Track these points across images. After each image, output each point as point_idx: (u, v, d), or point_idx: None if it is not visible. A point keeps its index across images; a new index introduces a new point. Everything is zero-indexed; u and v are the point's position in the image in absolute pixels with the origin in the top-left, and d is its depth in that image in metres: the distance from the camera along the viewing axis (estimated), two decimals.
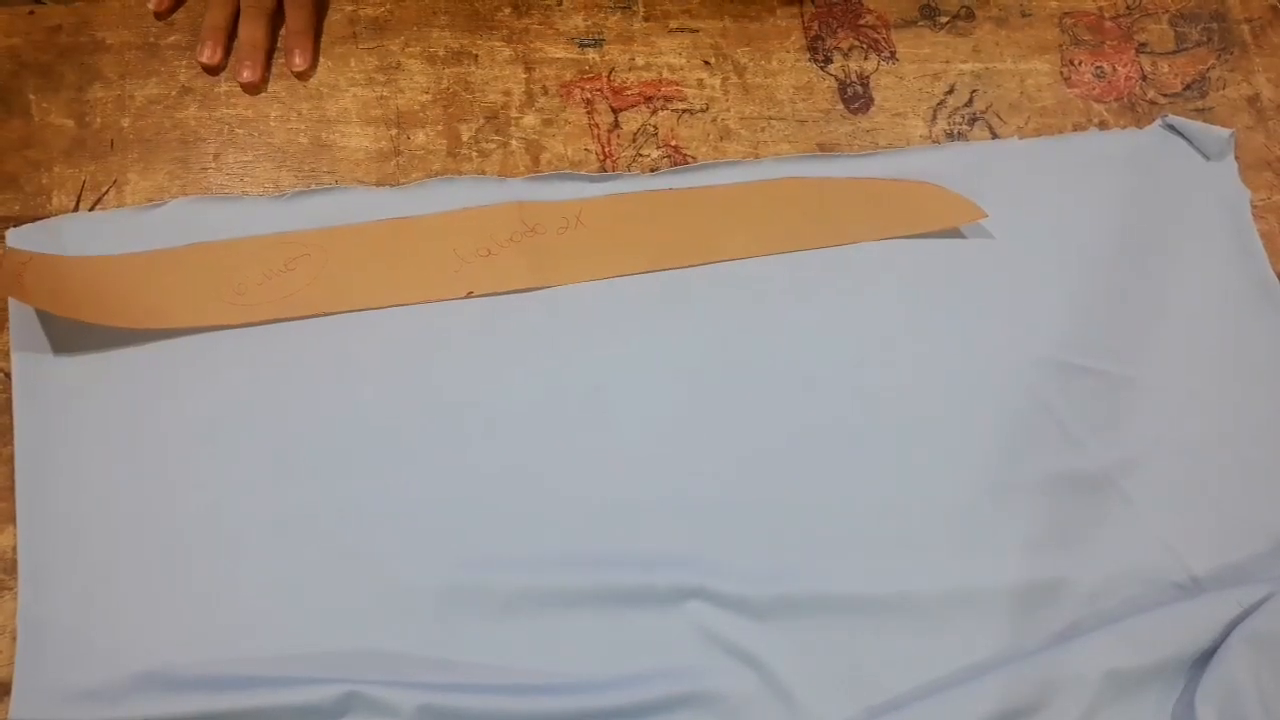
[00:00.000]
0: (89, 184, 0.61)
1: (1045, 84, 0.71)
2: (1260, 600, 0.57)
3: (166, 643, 0.52)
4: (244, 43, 0.63)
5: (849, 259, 0.64)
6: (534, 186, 0.63)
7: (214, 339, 0.58)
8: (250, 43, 0.63)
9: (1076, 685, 0.54)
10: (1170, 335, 0.65)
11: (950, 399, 0.62)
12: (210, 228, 0.60)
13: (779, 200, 0.65)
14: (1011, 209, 0.66)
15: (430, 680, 0.52)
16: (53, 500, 0.54)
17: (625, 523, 0.57)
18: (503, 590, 0.55)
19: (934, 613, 0.57)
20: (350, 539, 0.55)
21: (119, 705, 0.50)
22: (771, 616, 0.55)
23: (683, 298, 0.62)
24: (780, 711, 0.54)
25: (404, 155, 0.64)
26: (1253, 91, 0.73)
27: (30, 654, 0.51)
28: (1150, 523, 0.60)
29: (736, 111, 0.68)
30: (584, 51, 0.68)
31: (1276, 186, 0.71)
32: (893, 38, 0.71)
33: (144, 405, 0.56)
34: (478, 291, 0.60)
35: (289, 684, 0.51)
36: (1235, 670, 0.54)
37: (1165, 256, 0.67)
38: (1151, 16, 0.75)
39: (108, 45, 0.63)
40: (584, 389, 0.59)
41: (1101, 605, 0.58)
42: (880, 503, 0.59)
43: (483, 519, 0.56)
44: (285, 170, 0.62)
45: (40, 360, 0.56)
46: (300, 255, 0.60)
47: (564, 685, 0.53)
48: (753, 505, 0.58)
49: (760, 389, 0.61)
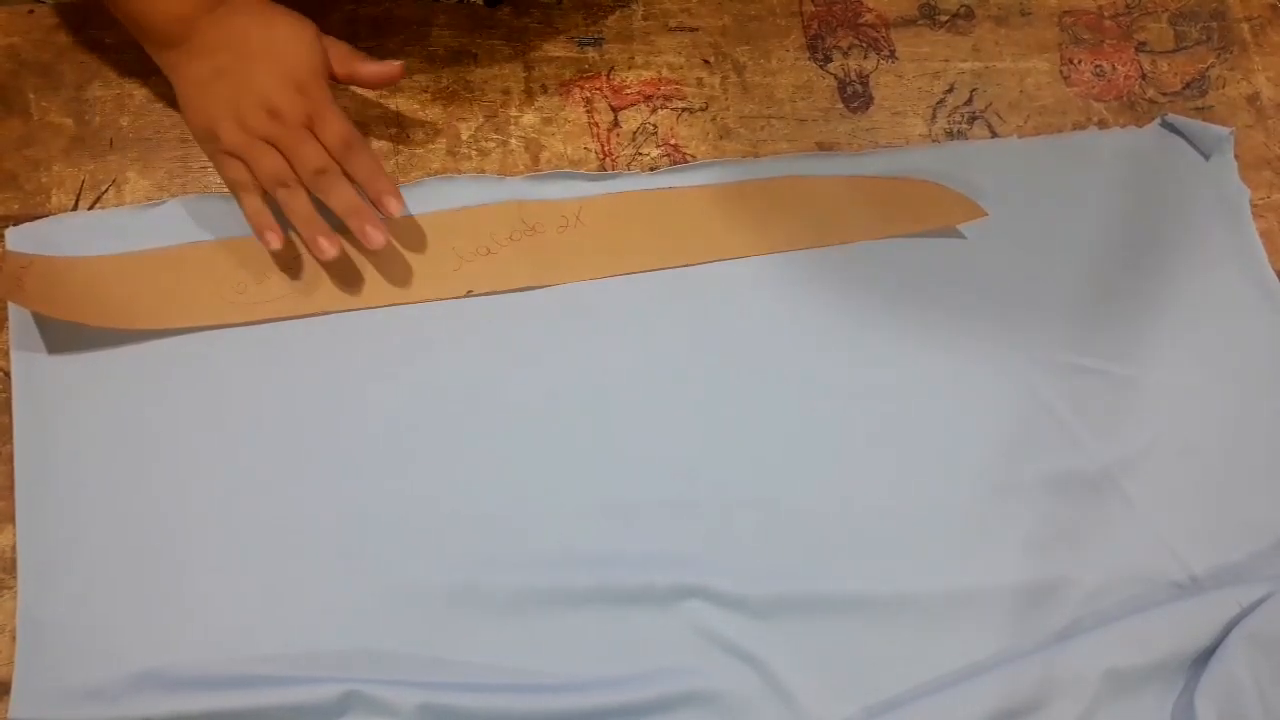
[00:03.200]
0: (88, 183, 0.60)
1: (1045, 83, 0.71)
2: (1259, 599, 0.57)
3: (166, 642, 0.52)
4: (347, 212, 0.55)
5: (849, 258, 0.64)
6: (533, 185, 0.63)
7: (214, 338, 0.58)
8: (355, 208, 0.55)
9: (1076, 684, 0.54)
10: (1170, 334, 0.65)
11: (950, 399, 0.62)
12: (210, 227, 0.60)
13: (779, 199, 0.65)
14: (1011, 208, 0.66)
15: (430, 679, 0.52)
16: (52, 499, 0.54)
17: (625, 523, 0.57)
18: (502, 590, 0.55)
19: (934, 613, 0.57)
20: (350, 539, 0.55)
21: (119, 704, 0.50)
22: (771, 616, 0.56)
23: (682, 297, 0.62)
24: (780, 711, 0.54)
25: (403, 154, 0.64)
26: (1252, 90, 0.73)
27: (30, 653, 0.51)
28: (1150, 523, 0.60)
29: (736, 110, 0.68)
30: (583, 50, 0.68)
31: (1276, 185, 0.71)
32: (892, 36, 0.71)
33: (144, 404, 0.56)
34: (477, 291, 0.60)
35: (289, 683, 0.51)
36: (1235, 669, 0.55)
37: (1165, 255, 0.67)
38: (1151, 15, 0.75)
39: (107, 44, 0.63)
40: (584, 388, 0.59)
41: (1101, 605, 0.58)
42: (880, 502, 0.59)
43: (482, 519, 0.56)
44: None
45: (39, 359, 0.56)
46: (300, 254, 0.60)
47: (564, 685, 0.53)
48: (752, 505, 0.58)
49: (760, 388, 0.61)
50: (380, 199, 0.55)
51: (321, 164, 0.54)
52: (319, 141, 0.54)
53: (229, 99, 0.54)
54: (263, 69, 0.54)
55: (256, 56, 0.54)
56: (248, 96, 0.54)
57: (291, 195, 0.55)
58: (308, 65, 0.55)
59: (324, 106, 0.55)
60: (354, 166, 0.55)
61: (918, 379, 0.62)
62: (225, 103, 0.54)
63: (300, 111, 0.54)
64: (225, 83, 0.54)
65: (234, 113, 0.54)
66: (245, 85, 0.54)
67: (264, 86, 0.54)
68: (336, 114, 0.55)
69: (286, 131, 0.54)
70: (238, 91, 0.54)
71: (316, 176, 0.54)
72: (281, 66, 0.54)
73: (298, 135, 0.54)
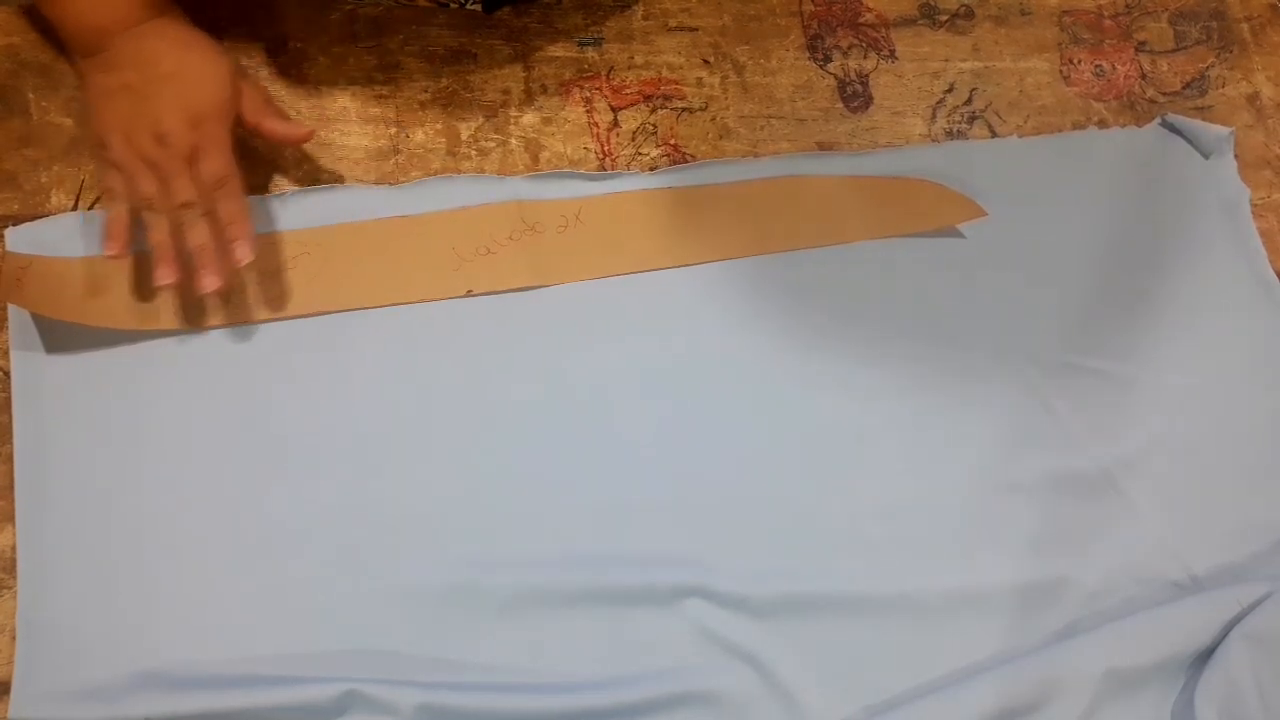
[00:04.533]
0: (88, 182, 0.60)
1: (1045, 82, 0.71)
2: (1259, 599, 0.57)
3: (166, 642, 0.52)
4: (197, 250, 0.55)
5: (849, 258, 0.64)
6: (533, 185, 0.63)
7: (213, 338, 0.58)
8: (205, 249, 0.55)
9: (1077, 684, 0.54)
10: (1170, 334, 0.65)
11: (950, 398, 0.62)
12: None
13: (778, 199, 0.65)
14: (1011, 207, 0.66)
15: (429, 679, 0.52)
16: (52, 499, 0.54)
17: (625, 523, 0.57)
18: (502, 590, 0.55)
19: (934, 612, 0.57)
20: (349, 538, 0.55)
21: (119, 704, 0.50)
22: (771, 616, 0.56)
23: (682, 296, 0.62)
24: (780, 710, 0.54)
25: (403, 154, 0.64)
26: (1252, 90, 0.73)
27: (30, 653, 0.51)
28: (1150, 523, 0.60)
29: (736, 110, 0.68)
30: (583, 50, 0.68)
31: (1276, 185, 0.71)
32: (892, 36, 0.71)
33: (143, 404, 0.56)
34: (477, 290, 0.60)
35: (288, 683, 0.51)
36: (1235, 668, 0.55)
37: (1165, 255, 0.67)
38: (1151, 15, 0.75)
39: None
40: (584, 388, 0.59)
41: (1101, 605, 0.58)
42: (880, 502, 0.59)
43: (482, 519, 0.56)
44: (284, 169, 0.62)
45: (39, 359, 0.56)
46: (299, 254, 0.60)
47: (563, 684, 0.53)
48: (752, 504, 0.58)
49: (760, 388, 0.61)
50: (233, 243, 0.55)
51: (187, 198, 0.55)
52: (194, 177, 0.55)
53: (125, 115, 0.55)
54: (164, 95, 0.55)
55: (162, 81, 0.55)
56: (142, 118, 0.55)
57: (153, 218, 0.55)
58: (210, 101, 0.56)
59: (211, 144, 0.56)
60: (221, 207, 0.56)
61: (918, 379, 0.62)
62: (120, 118, 0.55)
63: (186, 143, 0.55)
64: (126, 99, 0.55)
65: (125, 129, 0.55)
66: (142, 106, 0.55)
67: (159, 111, 0.55)
68: (220, 154, 0.56)
69: (168, 160, 0.55)
70: (134, 110, 0.55)
71: (180, 209, 0.55)
72: (183, 97, 0.55)
73: (176, 166, 0.55)
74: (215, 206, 0.55)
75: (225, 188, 0.55)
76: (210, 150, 0.55)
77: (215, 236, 0.55)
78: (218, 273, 0.55)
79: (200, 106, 0.55)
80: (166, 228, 0.55)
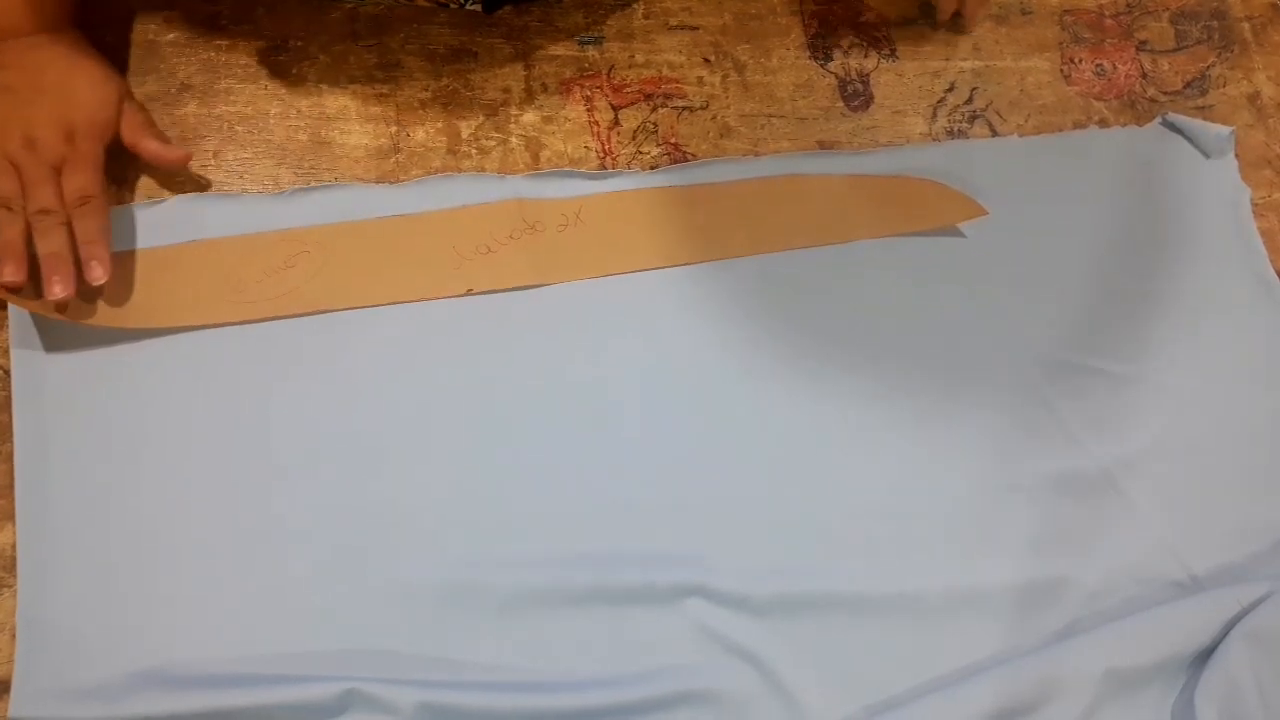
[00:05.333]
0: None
1: (1045, 81, 0.71)
2: (1259, 598, 0.57)
3: (166, 641, 0.52)
4: (48, 256, 0.54)
5: (849, 256, 0.64)
6: (534, 184, 0.63)
7: (213, 336, 0.58)
8: (56, 256, 0.54)
9: (1077, 683, 0.54)
10: (1171, 334, 0.65)
11: (950, 398, 0.62)
12: (209, 225, 0.60)
13: (779, 198, 0.65)
14: (1011, 207, 0.66)
15: (429, 678, 0.52)
16: (52, 498, 0.54)
17: (625, 522, 0.57)
18: (502, 589, 0.55)
19: (934, 612, 0.57)
20: (349, 537, 0.55)
21: (118, 703, 0.50)
22: (771, 615, 0.56)
23: (683, 295, 0.62)
24: (780, 710, 0.54)
25: (403, 152, 0.64)
26: (1253, 89, 0.73)
27: (30, 652, 0.51)
28: (1150, 522, 0.60)
29: (736, 109, 0.68)
30: (584, 49, 0.67)
31: (1276, 184, 0.71)
32: (893, 35, 0.71)
33: (144, 402, 0.56)
34: (477, 289, 0.60)
35: (288, 682, 0.51)
36: (1235, 668, 0.55)
37: (1165, 254, 0.67)
38: (1152, 14, 0.75)
39: (106, 43, 0.63)
40: (584, 387, 0.59)
41: (1101, 605, 0.58)
42: (880, 502, 0.59)
43: (482, 518, 0.56)
44: (285, 167, 0.62)
45: (39, 357, 0.56)
46: (300, 252, 0.60)
47: (564, 684, 0.53)
48: (753, 504, 0.58)
49: (761, 387, 0.61)
50: (88, 262, 0.55)
51: (47, 206, 0.55)
52: (59, 187, 0.55)
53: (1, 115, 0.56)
54: (42, 103, 0.56)
55: (43, 90, 0.57)
56: (15, 121, 0.56)
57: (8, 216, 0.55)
58: (88, 117, 0.57)
59: (81, 159, 0.56)
60: (80, 224, 0.55)
61: (918, 378, 0.62)
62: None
63: (55, 154, 0.56)
64: (4, 100, 0.56)
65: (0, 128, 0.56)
66: (19, 110, 0.56)
67: (33, 118, 0.56)
68: (88, 171, 0.56)
69: (33, 166, 0.55)
70: (10, 112, 0.56)
71: (39, 215, 0.55)
72: (61, 108, 0.56)
73: (40, 173, 0.55)
74: (76, 223, 0.55)
75: (88, 205, 0.56)
76: (79, 166, 0.56)
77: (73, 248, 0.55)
78: (67, 282, 0.54)
79: (76, 121, 0.56)
80: (20, 227, 0.55)
